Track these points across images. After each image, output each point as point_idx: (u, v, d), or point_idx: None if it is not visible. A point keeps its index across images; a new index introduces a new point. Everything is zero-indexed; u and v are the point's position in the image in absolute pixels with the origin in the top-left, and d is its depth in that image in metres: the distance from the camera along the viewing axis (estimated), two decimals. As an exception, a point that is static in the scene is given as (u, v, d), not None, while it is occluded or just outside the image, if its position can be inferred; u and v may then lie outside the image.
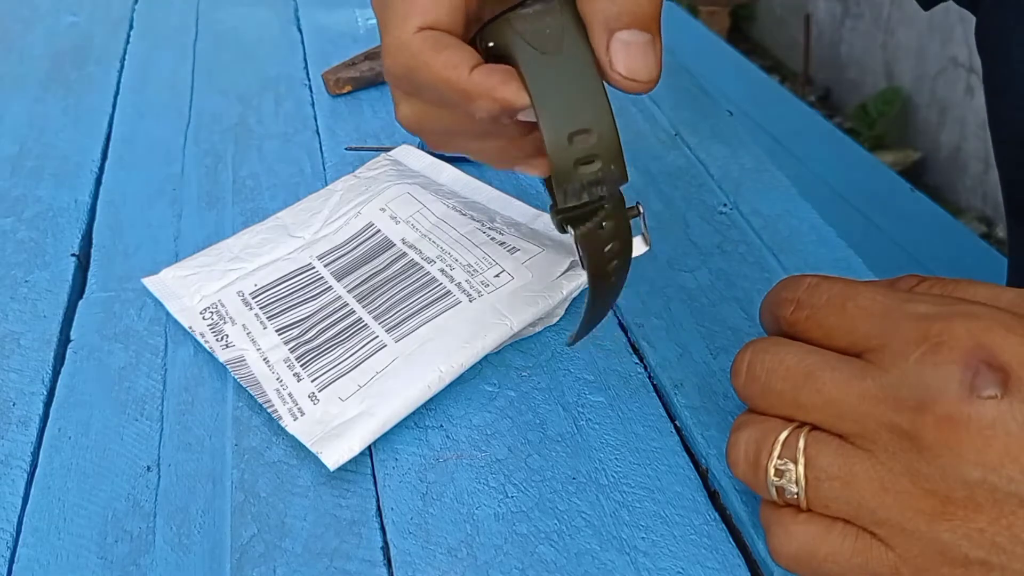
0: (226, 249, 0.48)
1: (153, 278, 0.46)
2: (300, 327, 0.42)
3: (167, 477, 0.37)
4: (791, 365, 0.27)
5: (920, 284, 0.29)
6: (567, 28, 0.26)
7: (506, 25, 0.27)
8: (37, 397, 0.41)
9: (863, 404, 0.25)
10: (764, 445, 0.28)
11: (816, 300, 0.28)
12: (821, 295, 0.28)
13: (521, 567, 0.32)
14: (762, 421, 0.28)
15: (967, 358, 0.24)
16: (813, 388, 0.27)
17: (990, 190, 1.76)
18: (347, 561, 0.33)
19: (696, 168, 0.52)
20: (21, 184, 0.57)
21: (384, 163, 0.53)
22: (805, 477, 0.27)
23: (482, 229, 0.45)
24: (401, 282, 0.43)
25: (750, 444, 0.28)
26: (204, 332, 0.42)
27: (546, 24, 0.26)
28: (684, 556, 0.32)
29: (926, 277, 0.29)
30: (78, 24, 0.80)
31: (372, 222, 0.47)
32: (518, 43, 0.26)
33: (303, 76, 0.67)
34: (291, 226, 0.49)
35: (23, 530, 0.36)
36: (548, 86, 0.25)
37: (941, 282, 0.28)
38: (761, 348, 0.28)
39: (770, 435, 0.28)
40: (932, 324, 0.25)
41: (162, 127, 0.63)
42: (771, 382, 0.28)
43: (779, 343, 0.28)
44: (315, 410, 0.38)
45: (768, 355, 0.28)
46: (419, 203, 0.47)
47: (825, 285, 0.28)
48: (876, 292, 0.27)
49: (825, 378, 0.26)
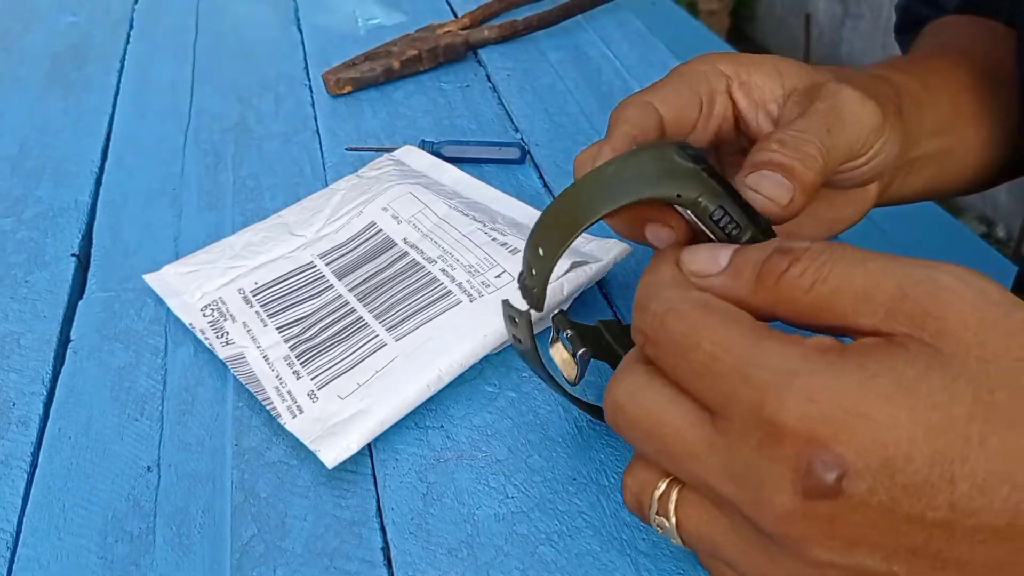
0: (227, 247, 0.48)
1: (154, 275, 0.46)
2: (300, 325, 0.42)
3: (167, 477, 0.37)
4: (641, 418, 0.26)
5: (789, 269, 0.25)
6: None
7: None
8: (37, 397, 0.41)
9: (711, 478, 0.25)
10: (644, 496, 0.27)
11: (661, 338, 0.26)
12: (667, 334, 0.25)
13: (521, 568, 0.32)
14: (642, 470, 0.28)
15: (799, 453, 0.22)
16: (664, 451, 0.26)
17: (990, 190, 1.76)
18: (347, 561, 0.33)
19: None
20: (21, 184, 0.57)
21: (387, 163, 0.53)
22: (679, 536, 0.27)
23: (484, 230, 0.45)
24: (402, 282, 0.43)
25: (632, 494, 0.28)
26: (204, 329, 0.42)
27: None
28: (684, 557, 0.32)
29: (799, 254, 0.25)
30: (78, 24, 0.80)
31: (374, 221, 0.47)
32: None
33: (303, 76, 0.67)
34: (293, 224, 0.49)
35: (23, 530, 0.36)
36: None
37: (815, 264, 0.24)
38: (621, 391, 0.27)
39: (647, 488, 0.27)
40: (767, 401, 0.23)
41: (162, 127, 0.63)
42: (630, 433, 0.27)
43: (636, 384, 0.27)
44: (314, 408, 0.38)
45: (625, 399, 0.27)
46: (421, 203, 0.47)
47: (671, 321, 0.25)
48: (723, 337, 0.24)
49: (677, 449, 0.25)
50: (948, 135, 0.41)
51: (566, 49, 0.68)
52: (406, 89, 0.64)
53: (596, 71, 0.64)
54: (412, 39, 0.67)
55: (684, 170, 0.28)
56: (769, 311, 0.25)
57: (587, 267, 0.42)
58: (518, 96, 0.62)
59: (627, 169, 0.29)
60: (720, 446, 0.24)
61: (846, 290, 0.24)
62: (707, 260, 0.27)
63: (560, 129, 0.58)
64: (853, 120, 0.32)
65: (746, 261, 0.26)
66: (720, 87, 0.35)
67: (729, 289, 0.26)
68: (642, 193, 0.28)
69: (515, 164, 0.54)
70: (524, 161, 0.55)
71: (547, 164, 0.54)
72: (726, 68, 0.35)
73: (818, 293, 0.24)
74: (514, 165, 0.54)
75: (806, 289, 0.24)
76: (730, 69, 0.35)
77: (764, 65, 0.35)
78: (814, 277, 0.24)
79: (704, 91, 0.35)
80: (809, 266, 0.24)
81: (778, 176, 0.30)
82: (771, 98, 0.35)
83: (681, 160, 0.28)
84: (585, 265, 0.42)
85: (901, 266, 0.24)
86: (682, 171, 0.28)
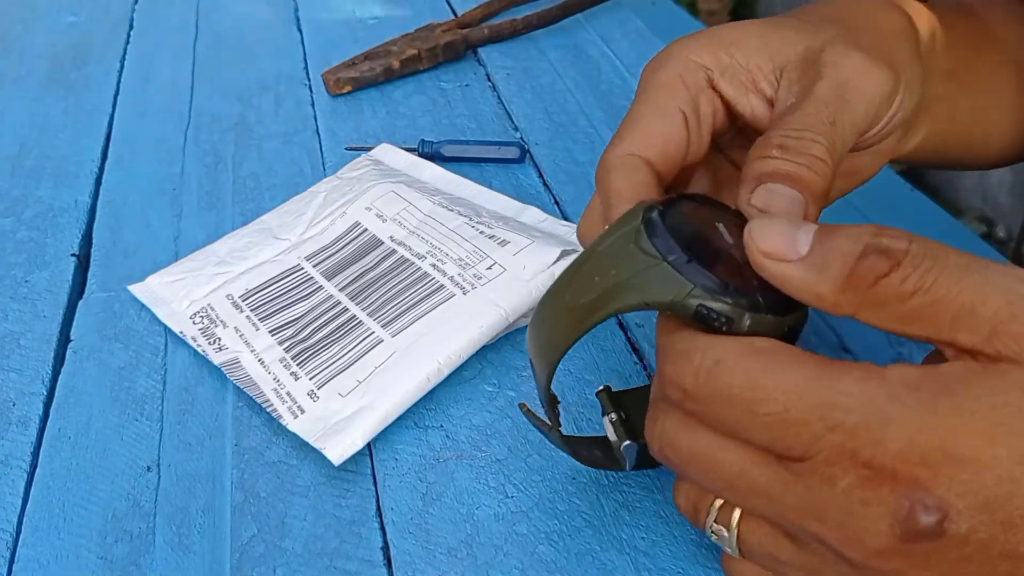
0: (211, 253, 0.48)
1: (139, 285, 0.46)
2: (293, 327, 0.42)
3: (167, 477, 0.37)
4: (703, 460, 0.24)
5: (890, 275, 0.22)
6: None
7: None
8: (37, 397, 0.41)
9: (788, 515, 0.23)
10: (701, 507, 0.26)
11: (708, 393, 0.23)
12: (721, 388, 0.23)
13: (521, 567, 0.32)
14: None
15: (899, 500, 0.21)
16: (727, 488, 0.24)
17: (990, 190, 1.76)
18: (347, 561, 0.33)
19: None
20: (21, 184, 0.57)
21: (366, 163, 0.53)
22: (739, 548, 0.26)
23: (470, 224, 0.45)
24: (393, 279, 0.43)
25: (689, 499, 0.27)
26: (196, 336, 0.42)
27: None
28: (684, 556, 0.32)
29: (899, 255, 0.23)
30: (78, 24, 0.80)
31: (359, 221, 0.47)
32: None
33: (303, 76, 0.67)
34: (276, 228, 0.49)
35: (23, 530, 0.36)
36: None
37: (919, 271, 0.22)
38: (668, 429, 0.25)
39: (707, 498, 0.26)
40: (861, 446, 0.21)
41: (162, 127, 0.63)
42: (688, 471, 0.25)
43: (675, 428, 0.25)
44: (315, 407, 0.38)
45: (675, 439, 0.25)
46: (405, 201, 0.47)
47: (723, 375, 0.23)
48: (793, 384, 0.22)
49: (742, 486, 0.24)
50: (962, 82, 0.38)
51: (566, 48, 0.68)
52: (406, 89, 0.64)
53: (596, 70, 0.64)
54: (412, 38, 0.67)
55: (649, 269, 0.24)
56: (851, 311, 0.23)
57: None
58: (518, 95, 0.62)
59: (596, 271, 0.25)
60: (799, 487, 0.23)
61: (950, 303, 0.22)
62: (784, 240, 0.24)
63: (560, 128, 0.58)
64: (860, 97, 0.29)
65: (834, 253, 0.23)
66: (700, 83, 0.31)
67: (809, 282, 0.23)
68: (608, 309, 0.25)
69: (515, 163, 0.54)
70: (524, 160, 0.55)
71: (547, 163, 0.54)
72: (702, 58, 0.31)
73: (919, 303, 0.22)
74: (514, 164, 0.54)
75: (905, 298, 0.22)
76: (707, 58, 0.31)
77: (747, 39, 0.31)
78: (916, 285, 0.22)
79: (683, 102, 0.31)
80: (911, 273, 0.22)
81: (787, 190, 0.26)
82: (762, 77, 0.31)
83: (646, 253, 0.25)
84: (575, 252, 0.42)
85: (1007, 280, 0.22)
86: (648, 271, 0.25)
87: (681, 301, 0.24)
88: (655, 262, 0.24)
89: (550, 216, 0.47)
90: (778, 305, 0.25)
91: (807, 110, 0.28)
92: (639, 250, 0.25)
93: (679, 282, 0.24)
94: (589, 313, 0.25)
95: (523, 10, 0.72)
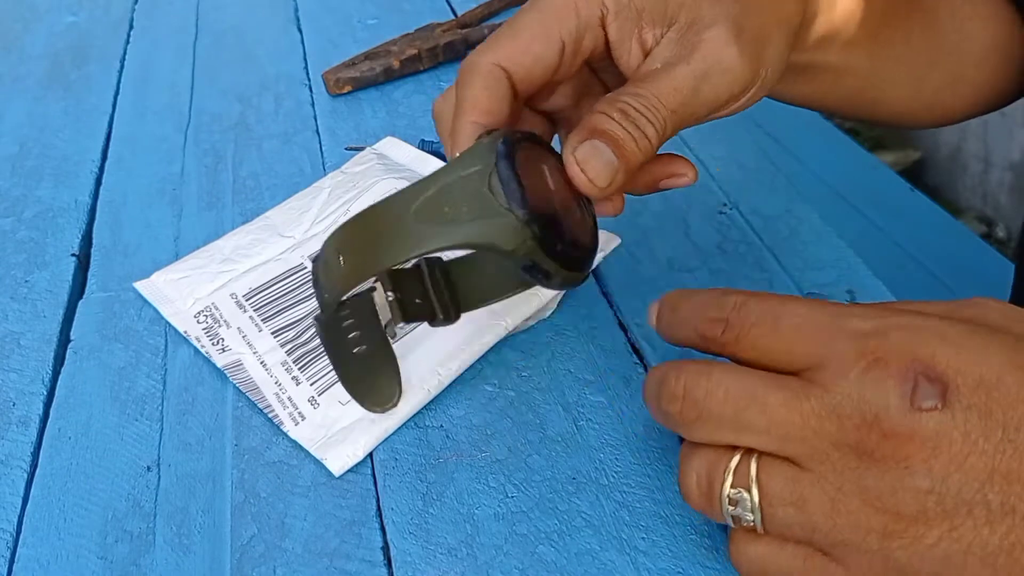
0: (216, 251, 0.48)
1: (145, 282, 0.46)
2: (295, 329, 0.42)
3: (167, 477, 0.37)
4: (730, 387, 0.26)
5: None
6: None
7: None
8: (37, 397, 0.41)
9: (808, 424, 0.25)
10: (716, 474, 0.27)
11: (746, 320, 0.27)
12: (750, 314, 0.27)
13: (521, 567, 0.32)
14: (708, 450, 0.27)
15: (905, 372, 0.24)
16: (757, 411, 0.26)
17: (990, 190, 1.76)
18: (347, 561, 0.33)
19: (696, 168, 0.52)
20: (21, 184, 0.57)
21: (370, 157, 0.53)
22: (760, 505, 0.26)
23: None
24: None
25: (701, 473, 0.27)
26: (200, 336, 0.42)
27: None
28: (684, 556, 0.32)
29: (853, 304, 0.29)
30: (78, 24, 0.80)
31: None
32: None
33: (303, 76, 0.67)
34: (280, 225, 0.49)
35: (23, 530, 0.36)
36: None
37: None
38: (696, 371, 0.27)
39: (720, 463, 0.27)
40: (868, 340, 0.25)
41: (162, 127, 0.63)
42: (711, 406, 0.27)
43: (714, 366, 0.27)
44: (315, 414, 0.38)
45: (705, 378, 0.27)
46: None
47: (753, 303, 0.27)
48: (808, 308, 0.27)
49: (768, 400, 0.26)
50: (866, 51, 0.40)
51: (566, 49, 0.68)
52: (406, 88, 0.64)
53: (596, 71, 0.64)
54: (412, 38, 0.67)
55: (497, 217, 0.28)
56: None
57: None
58: (518, 96, 0.62)
59: (446, 202, 0.29)
60: (816, 391, 0.25)
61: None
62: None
63: (560, 129, 0.58)
64: (712, 92, 0.31)
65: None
66: (592, 19, 0.32)
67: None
68: (454, 239, 0.29)
69: (515, 164, 0.54)
70: (524, 161, 0.55)
71: (547, 164, 0.54)
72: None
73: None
74: (514, 165, 0.54)
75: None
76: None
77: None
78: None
79: (567, 32, 0.32)
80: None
81: (609, 154, 0.30)
82: (649, 26, 0.32)
83: (496, 201, 0.28)
84: None
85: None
86: (496, 219, 0.28)
87: (518, 253, 0.29)
88: (504, 212, 0.28)
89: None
90: (581, 263, 0.31)
91: (660, 88, 0.31)
92: (491, 194, 0.28)
93: (520, 235, 0.28)
94: (434, 236, 0.28)
95: (523, 10, 0.72)
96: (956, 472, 0.24)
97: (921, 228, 1.12)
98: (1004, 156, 1.69)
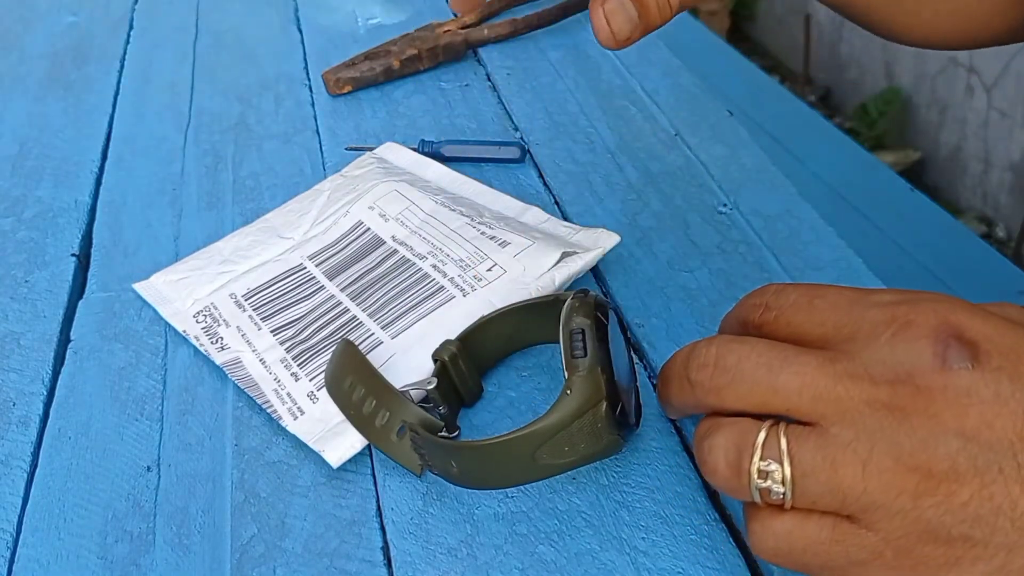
0: (216, 252, 0.48)
1: (144, 283, 0.46)
2: (295, 327, 0.42)
3: (167, 477, 0.37)
4: (763, 352, 0.27)
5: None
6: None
7: None
8: (37, 397, 0.41)
9: (840, 383, 0.26)
10: (744, 448, 0.27)
11: (783, 301, 0.29)
12: (788, 296, 0.29)
13: (521, 567, 0.32)
14: (734, 423, 0.27)
15: (936, 334, 0.25)
16: (791, 372, 0.26)
17: (990, 190, 1.76)
18: (347, 561, 0.33)
19: (696, 168, 0.52)
20: (21, 184, 0.57)
21: (370, 161, 0.53)
22: (792, 476, 0.26)
23: (472, 224, 0.45)
24: (393, 279, 0.43)
25: (729, 449, 0.27)
26: (199, 335, 0.42)
27: None
28: (684, 556, 0.32)
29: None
30: (78, 24, 0.80)
31: (361, 220, 0.47)
32: None
33: (303, 76, 0.67)
34: (280, 227, 0.49)
35: (23, 530, 0.36)
36: None
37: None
38: (728, 339, 0.28)
39: (748, 436, 0.27)
40: (898, 308, 0.26)
41: (162, 127, 0.63)
42: (745, 368, 0.27)
43: (746, 338, 0.28)
44: (315, 409, 0.38)
45: (738, 344, 0.28)
46: (407, 200, 0.47)
47: (791, 288, 0.29)
48: (840, 289, 0.28)
49: (800, 361, 0.26)
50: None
51: (566, 48, 0.68)
52: (406, 88, 0.64)
53: (596, 70, 0.64)
54: (412, 38, 0.67)
55: (610, 445, 0.32)
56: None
57: (577, 257, 0.42)
58: (518, 95, 0.62)
59: (567, 443, 0.31)
60: (848, 356, 0.26)
61: None
62: None
63: (560, 128, 0.58)
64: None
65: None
66: None
67: None
68: (574, 466, 0.32)
69: (515, 163, 0.54)
70: (524, 160, 0.55)
71: (547, 163, 0.54)
72: None
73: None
74: (514, 164, 0.54)
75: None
76: None
77: None
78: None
79: None
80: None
81: (632, 11, 0.33)
82: None
83: (610, 433, 0.31)
84: (575, 255, 0.42)
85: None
86: (610, 447, 0.32)
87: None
88: (613, 435, 0.31)
89: (552, 216, 0.47)
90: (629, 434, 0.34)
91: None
92: (603, 428, 0.31)
93: (618, 445, 0.32)
94: (556, 469, 0.32)
95: (523, 10, 0.72)
96: (986, 430, 0.24)
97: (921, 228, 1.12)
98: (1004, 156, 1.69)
